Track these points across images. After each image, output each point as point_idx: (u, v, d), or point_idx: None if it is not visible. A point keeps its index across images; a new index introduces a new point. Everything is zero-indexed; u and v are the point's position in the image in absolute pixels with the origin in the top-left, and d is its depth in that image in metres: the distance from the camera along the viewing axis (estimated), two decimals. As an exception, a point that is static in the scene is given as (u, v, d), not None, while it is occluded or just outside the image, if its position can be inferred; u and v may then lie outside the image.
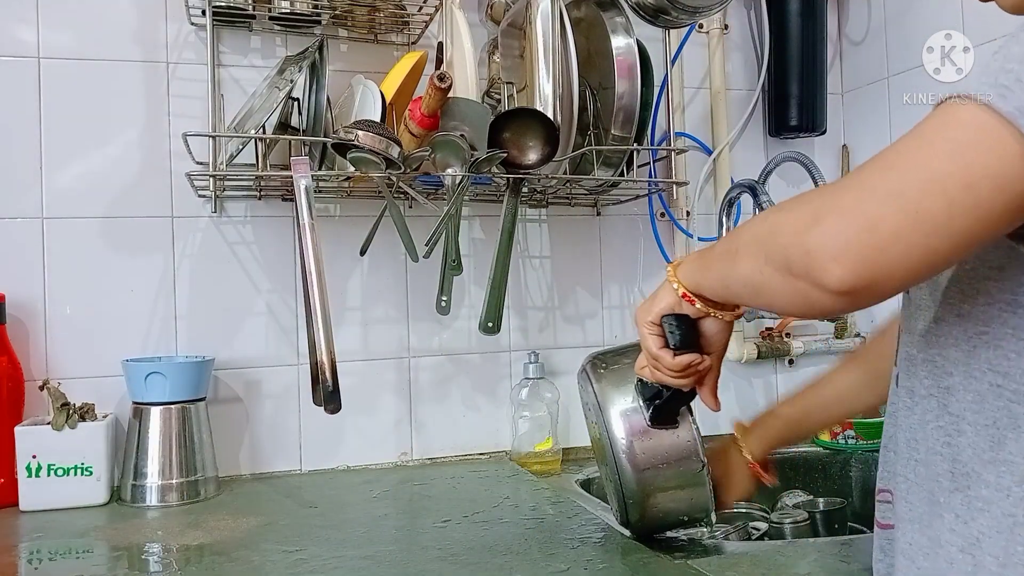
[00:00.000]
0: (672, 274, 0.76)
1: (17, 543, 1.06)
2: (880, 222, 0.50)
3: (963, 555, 0.60)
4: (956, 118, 0.51)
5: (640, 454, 0.90)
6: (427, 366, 1.48)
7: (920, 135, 0.53)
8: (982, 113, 0.50)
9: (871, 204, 0.51)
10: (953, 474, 0.61)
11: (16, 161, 1.31)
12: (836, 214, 0.53)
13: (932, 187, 0.50)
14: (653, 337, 0.78)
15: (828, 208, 0.53)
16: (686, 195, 1.61)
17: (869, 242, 0.50)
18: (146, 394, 1.24)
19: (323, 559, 0.96)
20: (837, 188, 0.56)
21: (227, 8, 1.31)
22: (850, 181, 0.55)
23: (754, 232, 0.64)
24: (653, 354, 0.78)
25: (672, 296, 0.76)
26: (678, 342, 0.77)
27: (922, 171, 0.51)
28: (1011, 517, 0.57)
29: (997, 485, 0.58)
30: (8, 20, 1.31)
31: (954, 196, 0.49)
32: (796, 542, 1.14)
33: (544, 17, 1.24)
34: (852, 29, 1.71)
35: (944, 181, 0.49)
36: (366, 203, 1.41)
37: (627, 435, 0.90)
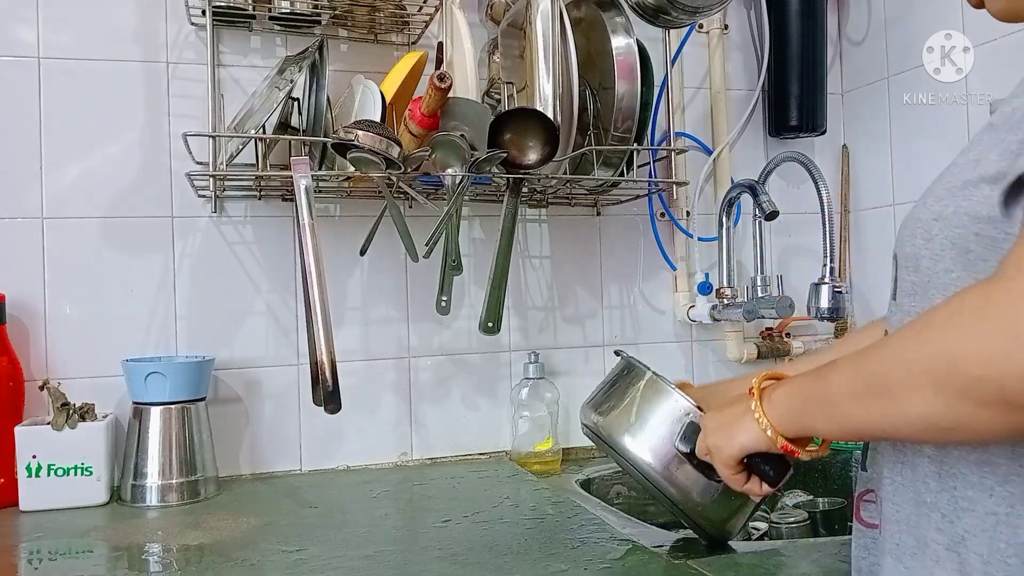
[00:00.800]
0: (761, 413, 0.70)
1: (17, 543, 1.06)
2: None
3: (949, 553, 0.60)
4: None
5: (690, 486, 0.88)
6: (427, 366, 1.48)
7: None
8: None
9: None
10: (940, 475, 0.62)
11: (16, 161, 1.31)
12: None
13: None
14: (738, 477, 0.76)
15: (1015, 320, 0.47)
16: (686, 195, 1.61)
17: None
18: (146, 394, 1.24)
19: (323, 559, 0.96)
20: (1003, 292, 0.49)
21: (227, 8, 1.31)
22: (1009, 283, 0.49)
23: (913, 360, 0.54)
24: (739, 489, 0.77)
25: (761, 439, 0.71)
26: (774, 481, 0.74)
27: None
28: (994, 515, 0.58)
29: (981, 485, 0.59)
30: (8, 20, 1.31)
31: None
32: (796, 542, 1.14)
33: (544, 17, 1.24)
34: (852, 29, 1.71)
35: None
36: (366, 203, 1.41)
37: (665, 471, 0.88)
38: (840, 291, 1.30)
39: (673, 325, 1.62)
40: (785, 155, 1.41)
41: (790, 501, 1.40)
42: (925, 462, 0.63)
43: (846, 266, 1.67)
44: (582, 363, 1.57)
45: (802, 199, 1.63)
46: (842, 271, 1.66)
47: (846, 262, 1.67)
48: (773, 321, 1.63)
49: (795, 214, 1.63)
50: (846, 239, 1.68)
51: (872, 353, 0.59)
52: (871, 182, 1.65)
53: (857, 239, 1.68)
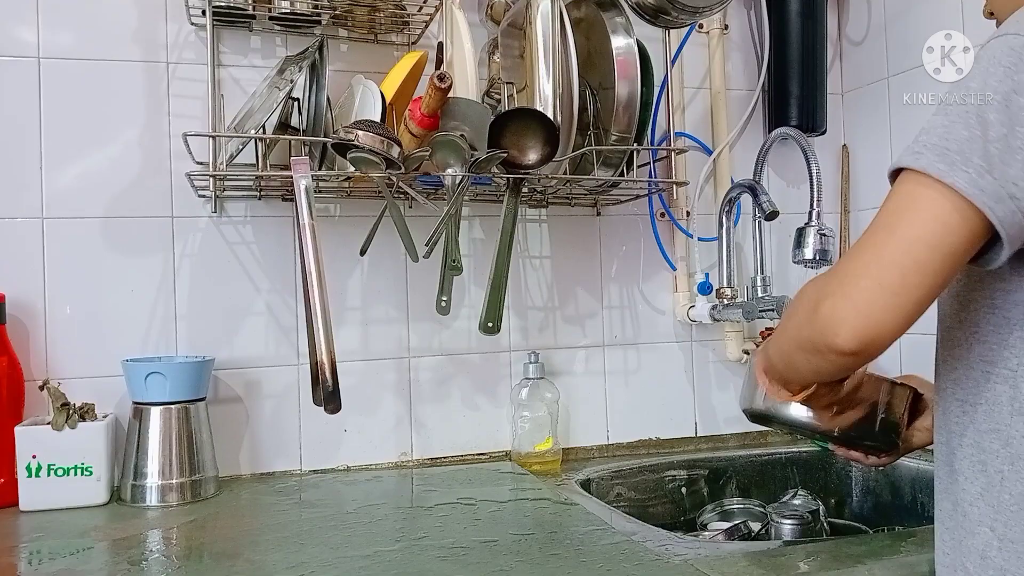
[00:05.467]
0: None
1: (17, 543, 1.06)
2: (859, 296, 0.65)
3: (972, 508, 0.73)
4: (894, 192, 0.66)
5: None
6: (427, 366, 1.48)
7: (879, 218, 0.67)
8: (909, 183, 0.65)
9: (851, 286, 0.66)
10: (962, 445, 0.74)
11: (16, 161, 1.31)
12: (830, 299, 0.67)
13: (884, 261, 0.64)
14: None
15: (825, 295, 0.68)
16: (686, 195, 1.61)
17: (857, 314, 0.65)
18: (146, 394, 1.24)
19: (323, 559, 0.96)
20: (828, 277, 0.70)
21: (227, 8, 1.31)
22: (835, 269, 0.69)
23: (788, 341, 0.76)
24: None
25: None
26: None
27: (876, 250, 0.65)
28: (999, 473, 0.70)
29: (990, 449, 0.71)
30: (8, 20, 1.31)
31: (901, 263, 0.63)
32: (796, 542, 1.14)
33: (544, 17, 1.24)
34: (852, 29, 1.71)
35: (894, 255, 0.64)
36: (366, 203, 1.41)
37: None
38: (827, 234, 1.27)
39: (673, 325, 1.62)
40: (780, 133, 1.40)
41: (790, 501, 1.40)
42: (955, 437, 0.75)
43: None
44: (582, 363, 1.57)
45: (802, 199, 1.63)
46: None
47: (846, 262, 1.67)
48: (773, 321, 1.63)
49: (795, 214, 1.63)
50: (846, 239, 1.68)
51: (778, 325, 0.83)
52: (871, 182, 1.65)
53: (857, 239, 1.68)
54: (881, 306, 0.63)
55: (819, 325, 0.67)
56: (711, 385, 1.64)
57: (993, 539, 0.70)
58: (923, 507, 1.36)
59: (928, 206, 0.63)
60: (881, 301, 0.63)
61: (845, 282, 0.66)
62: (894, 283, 0.63)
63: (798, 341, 0.72)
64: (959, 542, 0.74)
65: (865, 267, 0.65)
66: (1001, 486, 0.70)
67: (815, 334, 0.68)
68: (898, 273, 0.63)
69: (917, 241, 0.63)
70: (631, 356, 1.60)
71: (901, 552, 0.97)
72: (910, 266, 0.63)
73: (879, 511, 1.45)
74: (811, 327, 0.68)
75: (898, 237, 0.64)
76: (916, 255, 0.63)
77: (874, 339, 0.65)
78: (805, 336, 0.70)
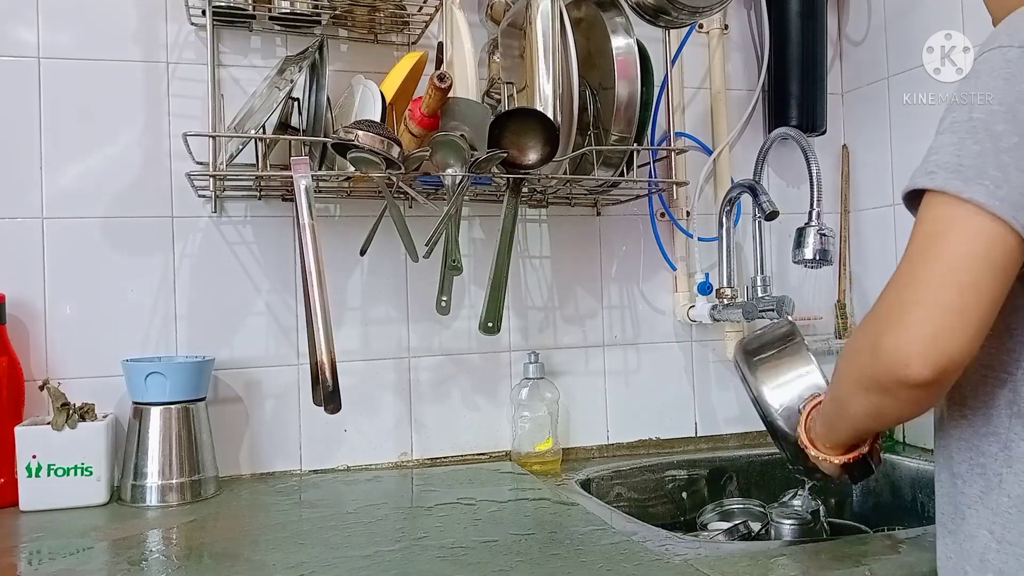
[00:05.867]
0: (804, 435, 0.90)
1: (17, 543, 1.06)
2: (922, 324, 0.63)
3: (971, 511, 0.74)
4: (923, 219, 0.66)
5: None
6: (427, 366, 1.48)
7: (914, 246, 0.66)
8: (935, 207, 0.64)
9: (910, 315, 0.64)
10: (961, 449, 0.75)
11: (16, 161, 1.31)
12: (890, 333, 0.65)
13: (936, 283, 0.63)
14: None
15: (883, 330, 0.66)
16: (686, 195, 1.61)
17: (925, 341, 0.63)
18: (146, 394, 1.24)
19: (323, 559, 0.96)
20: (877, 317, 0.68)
21: (227, 8, 1.31)
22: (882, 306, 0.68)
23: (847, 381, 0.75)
24: None
25: None
26: None
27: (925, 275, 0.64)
28: (998, 476, 0.71)
29: (988, 452, 0.72)
30: (8, 20, 1.31)
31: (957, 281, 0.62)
32: (796, 542, 1.14)
33: (544, 17, 1.24)
34: (852, 29, 1.71)
35: (945, 275, 0.63)
36: (366, 203, 1.41)
37: None
38: (827, 234, 1.27)
39: (673, 325, 1.62)
40: (780, 133, 1.40)
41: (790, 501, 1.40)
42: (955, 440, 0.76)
43: (846, 265, 1.67)
44: (582, 363, 1.57)
45: (802, 199, 1.62)
46: (842, 270, 1.67)
47: (846, 262, 1.67)
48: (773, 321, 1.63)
49: (795, 214, 1.62)
50: (846, 239, 1.68)
51: (833, 380, 0.80)
52: (871, 182, 1.65)
53: (857, 239, 1.68)
54: (948, 329, 0.62)
55: (885, 361, 0.65)
56: (711, 385, 1.64)
57: (992, 542, 0.71)
58: (923, 507, 1.36)
59: (963, 224, 0.62)
60: (946, 324, 0.62)
61: (902, 313, 0.64)
62: (955, 303, 0.62)
63: (861, 384, 0.70)
64: (960, 545, 0.75)
65: (919, 294, 0.63)
66: (1000, 489, 0.71)
67: (882, 372, 0.66)
68: (956, 292, 0.62)
69: (965, 258, 0.62)
70: (631, 356, 1.60)
71: (901, 552, 0.97)
72: (967, 283, 0.62)
73: (879, 511, 1.45)
74: (876, 366, 0.66)
75: (945, 258, 0.63)
76: (968, 272, 0.62)
77: (947, 365, 0.63)
78: (869, 376, 0.68)
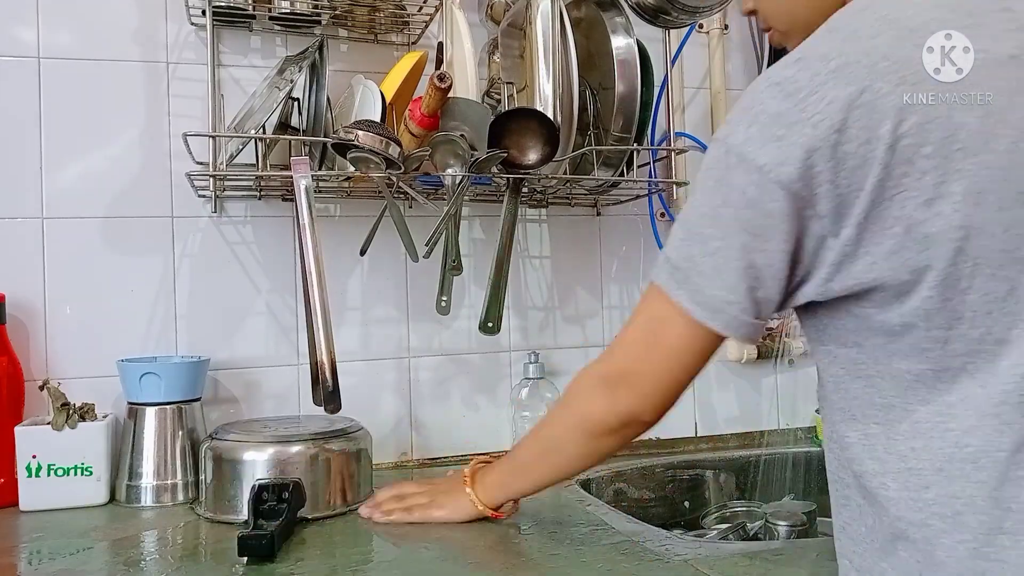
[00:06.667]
0: (473, 493, 1.05)
1: (17, 543, 1.06)
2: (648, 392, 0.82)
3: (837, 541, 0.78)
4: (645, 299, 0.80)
5: None
6: (427, 366, 1.48)
7: (639, 327, 0.81)
8: (653, 294, 0.77)
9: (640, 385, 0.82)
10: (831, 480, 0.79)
11: (16, 161, 1.31)
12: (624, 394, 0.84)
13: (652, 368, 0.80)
14: None
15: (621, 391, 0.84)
16: (686, 195, 1.61)
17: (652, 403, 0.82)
18: (141, 394, 1.24)
19: (322, 559, 0.96)
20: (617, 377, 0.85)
21: (227, 8, 1.31)
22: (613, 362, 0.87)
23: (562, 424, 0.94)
24: None
25: (471, 511, 1.05)
26: None
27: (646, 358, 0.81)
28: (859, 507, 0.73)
29: (845, 482, 0.75)
30: (8, 20, 1.31)
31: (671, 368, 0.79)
32: (796, 542, 1.14)
33: (544, 17, 1.24)
34: (852, 29, 1.70)
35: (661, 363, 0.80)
36: (366, 203, 1.41)
37: None
38: None
39: (673, 325, 1.62)
40: None
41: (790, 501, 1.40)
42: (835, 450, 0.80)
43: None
44: (582, 363, 1.55)
45: (802, 199, 1.63)
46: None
47: (846, 262, 1.67)
48: (773, 322, 1.63)
49: (795, 214, 1.63)
50: (846, 239, 1.68)
51: (541, 425, 0.97)
52: (871, 182, 1.65)
53: (857, 239, 1.68)
54: (669, 395, 0.80)
55: (621, 408, 0.83)
56: (711, 385, 1.64)
57: (851, 570, 0.74)
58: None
59: (674, 323, 0.74)
60: (668, 392, 0.80)
61: (636, 377, 0.81)
62: (671, 384, 0.79)
63: (595, 422, 0.87)
64: None
65: (642, 369, 0.80)
66: (859, 519, 0.74)
67: (621, 415, 0.83)
68: (671, 375, 0.79)
69: (677, 352, 0.77)
70: (631, 356, 1.59)
71: None
72: (677, 369, 0.78)
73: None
74: (612, 416, 0.84)
75: (663, 350, 0.77)
76: (679, 363, 0.77)
77: (667, 410, 0.82)
78: (601, 419, 0.85)
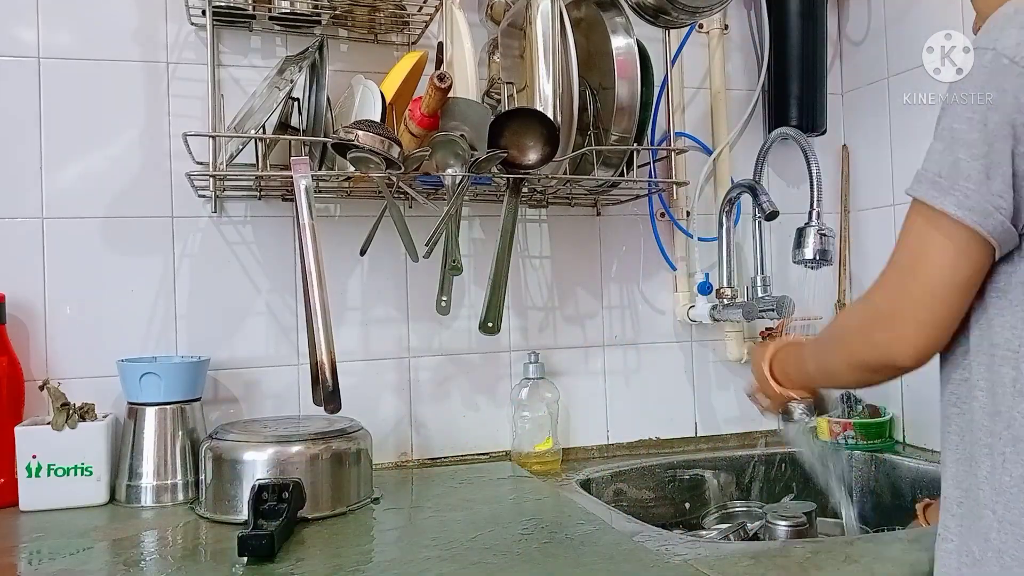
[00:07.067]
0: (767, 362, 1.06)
1: (17, 543, 1.06)
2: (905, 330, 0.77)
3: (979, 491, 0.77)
4: (907, 227, 0.78)
5: None
6: (427, 366, 1.48)
7: (901, 256, 0.78)
8: (915, 216, 0.76)
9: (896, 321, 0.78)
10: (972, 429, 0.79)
11: (16, 161, 1.31)
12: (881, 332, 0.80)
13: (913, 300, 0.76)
14: None
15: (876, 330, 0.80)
16: (686, 195, 1.61)
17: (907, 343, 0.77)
18: (141, 395, 1.24)
19: (322, 559, 0.96)
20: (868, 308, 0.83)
21: (227, 8, 1.31)
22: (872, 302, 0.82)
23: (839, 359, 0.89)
24: None
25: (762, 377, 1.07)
26: None
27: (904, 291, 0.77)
28: (1002, 455, 0.75)
29: (995, 432, 0.75)
30: (8, 20, 1.31)
31: (928, 302, 0.75)
32: (796, 542, 1.14)
33: (544, 17, 1.24)
34: (852, 29, 1.71)
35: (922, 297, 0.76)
36: (366, 203, 1.41)
37: None
38: (827, 234, 1.29)
39: (673, 325, 1.62)
40: (780, 133, 1.40)
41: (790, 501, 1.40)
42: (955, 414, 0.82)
43: (846, 265, 1.67)
44: (582, 363, 1.57)
45: (802, 199, 1.63)
46: (842, 270, 1.67)
47: (846, 262, 1.67)
48: (773, 321, 1.63)
49: (795, 214, 1.63)
50: (846, 239, 1.68)
51: (822, 347, 0.94)
52: (871, 182, 1.65)
53: (857, 239, 1.68)
54: (924, 336, 0.76)
55: (878, 354, 0.79)
56: (711, 385, 1.64)
57: (994, 521, 0.74)
58: (923, 507, 1.36)
59: (938, 244, 0.74)
60: (923, 332, 0.76)
61: (892, 319, 0.78)
62: (930, 319, 0.76)
63: (852, 364, 0.85)
64: (964, 526, 0.77)
65: (904, 307, 0.77)
66: (1003, 468, 0.74)
67: (875, 361, 0.80)
68: (930, 311, 0.75)
69: (939, 283, 0.74)
70: (631, 356, 1.60)
71: (901, 552, 0.97)
72: (939, 300, 0.75)
73: (879, 511, 1.45)
74: (869, 356, 0.81)
75: (922, 279, 0.75)
76: (937, 294, 0.74)
77: (925, 357, 0.77)
78: (860, 360, 0.83)
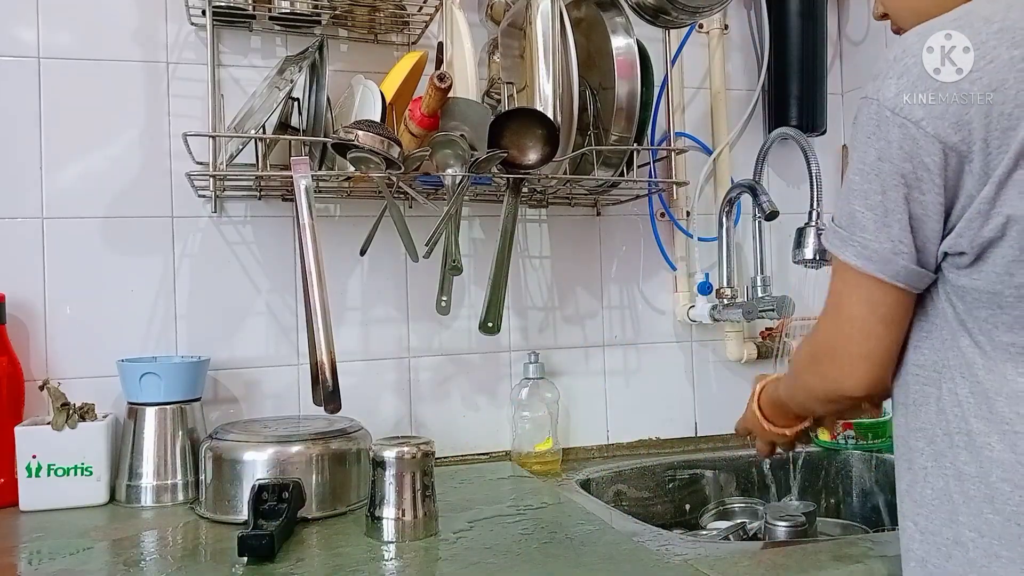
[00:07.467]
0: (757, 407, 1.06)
1: (17, 543, 1.06)
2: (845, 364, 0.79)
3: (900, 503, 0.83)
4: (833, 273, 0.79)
5: None
6: (427, 366, 1.48)
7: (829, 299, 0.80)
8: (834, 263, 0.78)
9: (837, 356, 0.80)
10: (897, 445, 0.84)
11: (16, 161, 1.31)
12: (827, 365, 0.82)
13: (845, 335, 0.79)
14: None
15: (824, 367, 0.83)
16: (686, 195, 1.61)
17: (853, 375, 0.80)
18: (141, 395, 1.24)
19: (322, 559, 0.96)
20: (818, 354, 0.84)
21: (227, 8, 1.31)
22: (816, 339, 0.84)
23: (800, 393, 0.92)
24: None
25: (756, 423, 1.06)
26: None
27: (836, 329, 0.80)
28: (923, 470, 0.78)
29: (916, 448, 0.79)
30: (8, 20, 1.31)
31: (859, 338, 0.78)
32: (796, 542, 1.14)
33: (544, 17, 1.24)
34: (852, 29, 1.71)
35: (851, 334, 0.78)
36: (366, 203, 1.41)
37: None
38: None
39: (673, 325, 1.62)
40: (780, 133, 1.40)
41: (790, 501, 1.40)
42: None
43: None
44: (582, 363, 1.57)
45: (802, 199, 1.63)
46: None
47: (846, 262, 1.67)
48: (773, 321, 1.63)
49: (795, 214, 1.63)
50: (846, 239, 1.68)
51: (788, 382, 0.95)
52: (871, 182, 1.65)
53: (857, 239, 1.68)
54: (864, 368, 0.78)
55: (829, 388, 0.82)
56: (711, 385, 1.64)
57: (916, 532, 0.78)
58: (923, 507, 1.36)
59: (852, 287, 0.76)
60: (863, 365, 0.78)
61: (833, 357, 0.80)
62: (861, 352, 0.78)
63: (816, 398, 0.86)
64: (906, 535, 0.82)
65: (839, 345, 0.79)
66: (924, 482, 0.77)
67: (830, 393, 0.82)
68: (858, 345, 0.78)
69: (860, 319, 0.77)
70: (631, 356, 1.60)
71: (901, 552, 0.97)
72: (864, 337, 0.77)
73: (879, 511, 1.45)
74: (824, 390, 0.83)
75: (846, 319, 0.78)
76: (864, 329, 0.77)
77: (874, 383, 0.79)
78: (821, 394, 0.84)
